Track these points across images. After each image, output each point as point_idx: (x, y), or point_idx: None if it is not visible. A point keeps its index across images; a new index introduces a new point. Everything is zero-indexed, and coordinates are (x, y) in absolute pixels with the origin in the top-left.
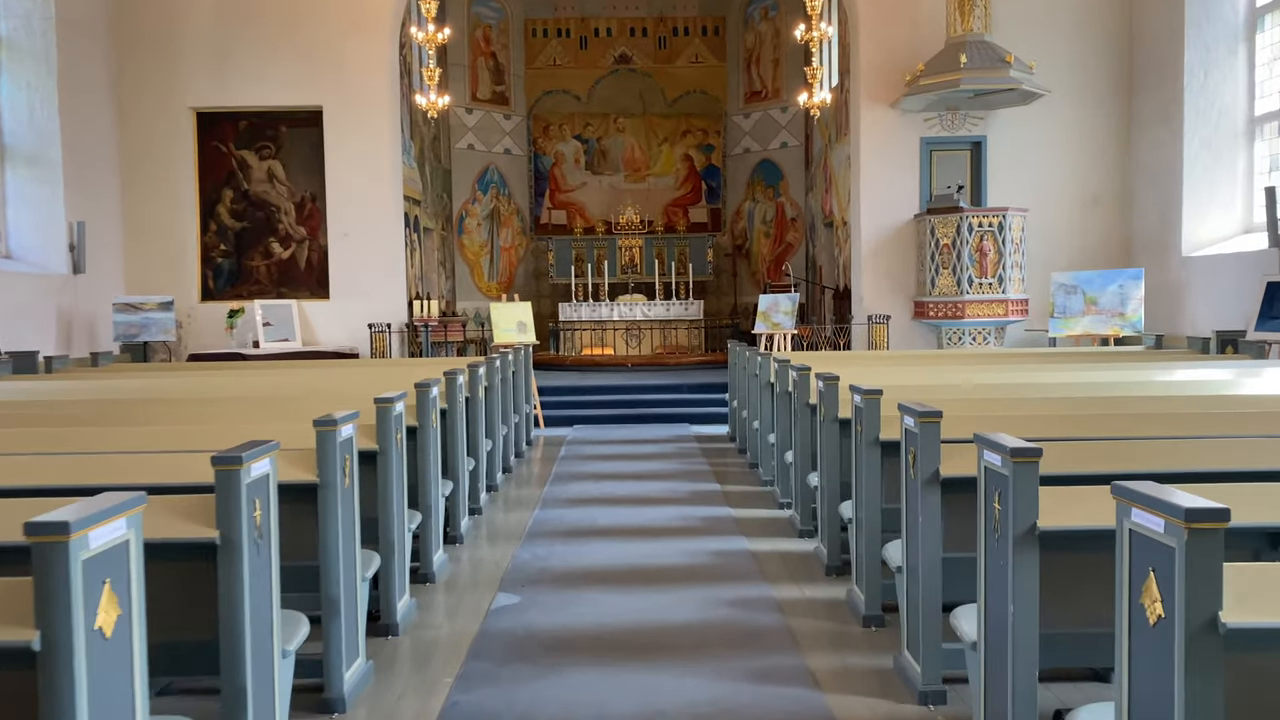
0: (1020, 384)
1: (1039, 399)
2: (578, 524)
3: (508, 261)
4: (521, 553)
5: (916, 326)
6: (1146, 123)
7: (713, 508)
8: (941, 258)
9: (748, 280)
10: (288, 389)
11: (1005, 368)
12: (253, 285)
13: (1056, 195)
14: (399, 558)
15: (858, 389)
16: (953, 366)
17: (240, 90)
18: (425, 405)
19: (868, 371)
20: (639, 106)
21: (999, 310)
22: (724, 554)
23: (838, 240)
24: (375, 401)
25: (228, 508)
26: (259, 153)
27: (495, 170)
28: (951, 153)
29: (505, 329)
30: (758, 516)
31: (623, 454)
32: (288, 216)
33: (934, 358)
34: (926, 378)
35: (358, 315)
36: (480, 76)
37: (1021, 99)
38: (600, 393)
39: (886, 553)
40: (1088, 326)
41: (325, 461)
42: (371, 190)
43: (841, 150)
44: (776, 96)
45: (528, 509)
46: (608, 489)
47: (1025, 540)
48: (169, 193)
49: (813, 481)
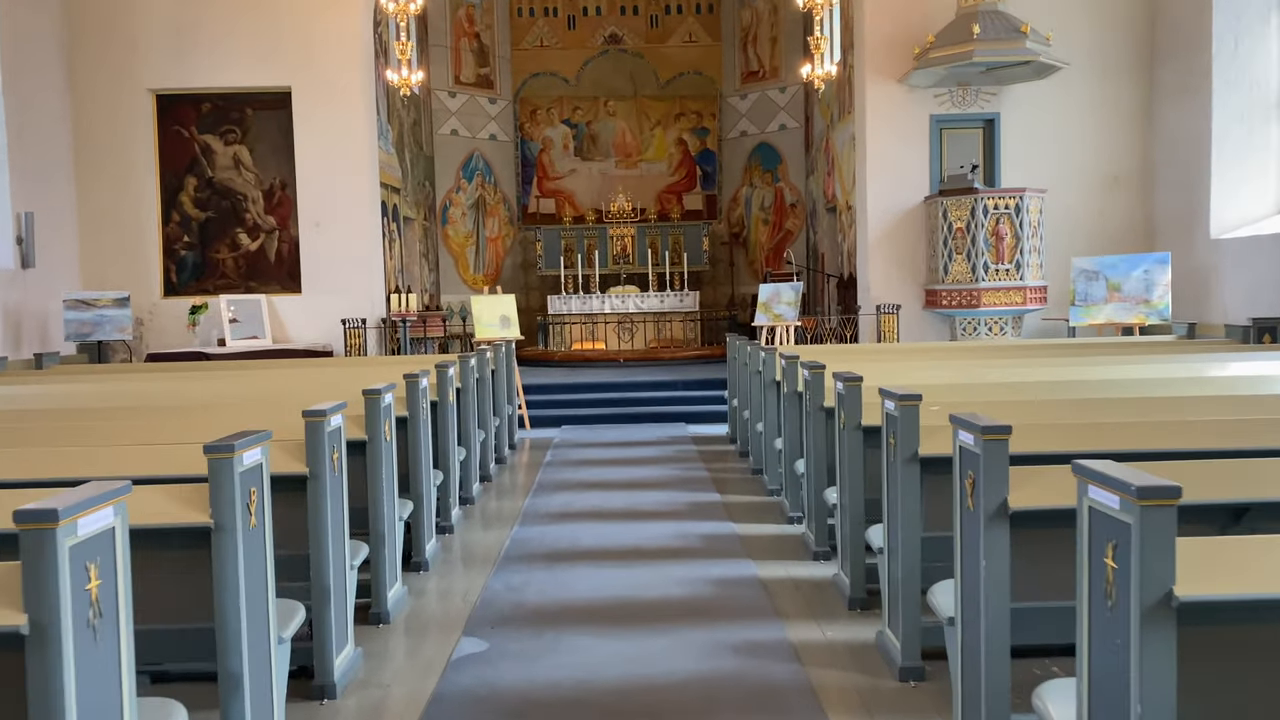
0: (1074, 381)
1: (1102, 399)
2: (560, 545)
3: (494, 252)
4: (494, 582)
5: (928, 316)
6: (1170, 96)
7: (714, 523)
8: (955, 242)
9: (745, 270)
10: (230, 395)
11: (1044, 362)
12: (219, 279)
13: (1073, 175)
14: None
15: (891, 393)
16: (984, 361)
17: (202, 70)
18: (376, 416)
19: (889, 369)
20: (630, 88)
21: (1017, 298)
22: (729, 583)
23: (841, 226)
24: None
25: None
26: (224, 137)
27: (480, 157)
28: (963, 131)
29: (487, 323)
30: (765, 533)
31: (613, 458)
32: (255, 205)
33: (961, 351)
34: (958, 374)
35: (332, 310)
36: (463, 58)
37: (1036, 73)
38: (590, 390)
39: (934, 597)
40: (1111, 315)
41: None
42: (345, 177)
43: (845, 130)
44: (774, 76)
45: (505, 525)
46: (596, 500)
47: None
48: (127, 181)
49: (830, 498)
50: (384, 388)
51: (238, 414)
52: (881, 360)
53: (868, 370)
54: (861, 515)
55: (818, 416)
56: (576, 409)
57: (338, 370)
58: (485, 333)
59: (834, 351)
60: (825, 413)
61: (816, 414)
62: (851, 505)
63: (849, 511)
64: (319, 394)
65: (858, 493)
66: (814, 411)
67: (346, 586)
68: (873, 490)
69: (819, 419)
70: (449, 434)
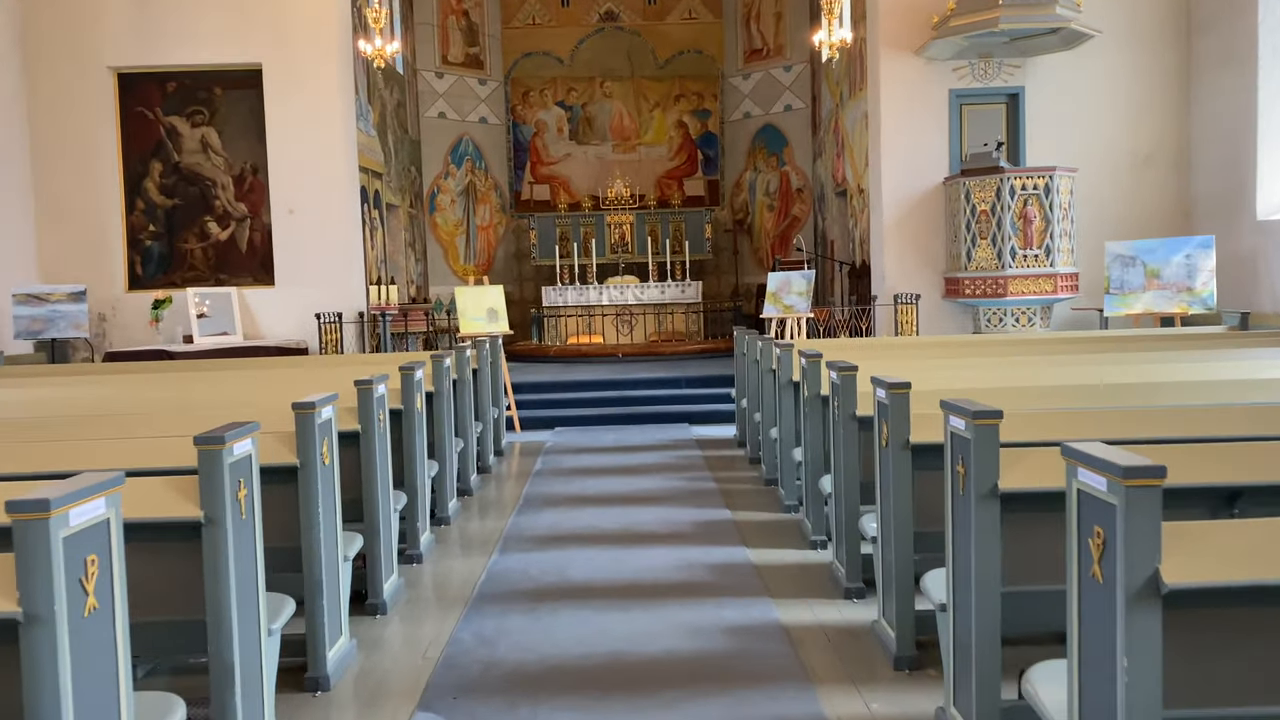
0: (1164, 383)
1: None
2: (545, 578)
3: (485, 242)
4: (463, 631)
5: (948, 307)
6: (1211, 66)
7: (724, 548)
8: (979, 227)
9: (750, 258)
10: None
11: (1110, 358)
12: (187, 271)
13: (1103, 154)
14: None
15: (957, 406)
16: (1045, 357)
17: (167, 47)
18: (309, 434)
19: (934, 370)
20: (627, 69)
21: (1046, 286)
22: (746, 633)
23: (853, 211)
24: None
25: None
26: (190, 119)
27: (470, 141)
28: (985, 107)
29: (473, 317)
30: (784, 562)
31: (610, 466)
32: (225, 191)
33: (1009, 346)
34: (1025, 375)
35: (308, 304)
36: (451, 37)
37: (1065, 42)
38: (587, 389)
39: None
40: (1150, 303)
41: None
42: (321, 160)
43: (856, 108)
44: (779, 55)
45: (483, 553)
46: (589, 519)
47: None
48: (87, 166)
49: (869, 529)
50: (318, 400)
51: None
52: (921, 358)
53: (909, 372)
54: (910, 554)
55: (849, 427)
56: (571, 409)
57: (273, 374)
58: (471, 327)
59: (857, 348)
60: (858, 423)
61: (848, 424)
62: (898, 542)
63: (895, 546)
64: (222, 415)
65: (906, 527)
66: (844, 421)
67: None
68: (927, 522)
69: (850, 430)
70: (415, 447)
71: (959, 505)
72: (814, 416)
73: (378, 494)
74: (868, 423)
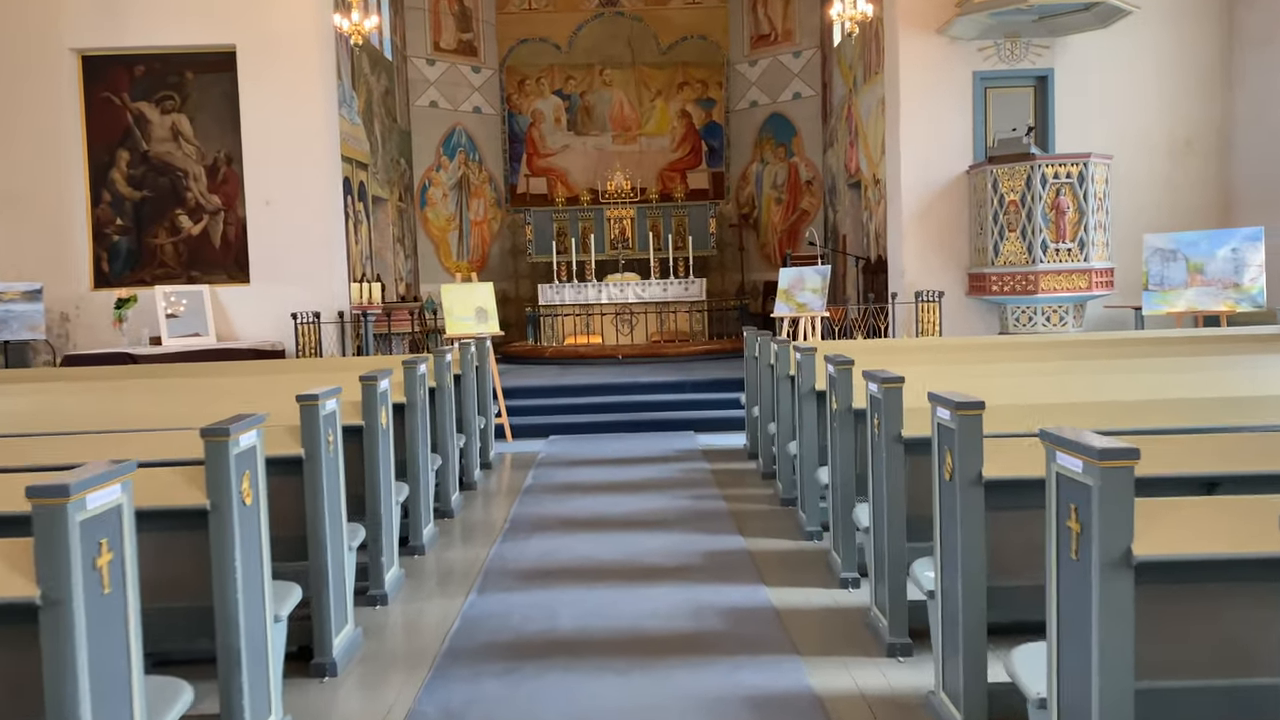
0: (1239, 399)
1: None
2: (529, 627)
3: (479, 237)
4: (426, 703)
5: (973, 305)
6: (1254, 44)
7: (741, 586)
8: (1007, 218)
9: (757, 254)
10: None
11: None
12: (157, 268)
13: (1137, 140)
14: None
15: (1074, 443)
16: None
17: (135, 28)
18: (221, 474)
19: (977, 377)
20: (628, 56)
21: (1080, 283)
22: (773, 705)
23: (867, 203)
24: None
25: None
26: (160, 105)
27: (463, 132)
28: (1011, 90)
29: (460, 317)
30: (812, 605)
31: (608, 482)
32: (198, 183)
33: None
34: (1090, 385)
35: (286, 302)
36: (443, 23)
37: (1099, 20)
38: (584, 394)
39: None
40: (1193, 301)
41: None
42: (300, 149)
43: (871, 93)
44: (788, 40)
45: (459, 590)
46: (583, 549)
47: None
48: (49, 156)
49: (923, 578)
50: (237, 423)
51: None
52: (961, 363)
53: (954, 382)
54: (982, 615)
55: (894, 451)
56: (567, 415)
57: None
58: (458, 328)
59: (882, 351)
60: (902, 445)
61: (892, 447)
62: (968, 596)
63: (964, 601)
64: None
65: (978, 579)
66: (887, 444)
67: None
68: (1005, 572)
69: (895, 455)
70: (378, 471)
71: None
72: (844, 434)
73: (325, 536)
74: (916, 445)
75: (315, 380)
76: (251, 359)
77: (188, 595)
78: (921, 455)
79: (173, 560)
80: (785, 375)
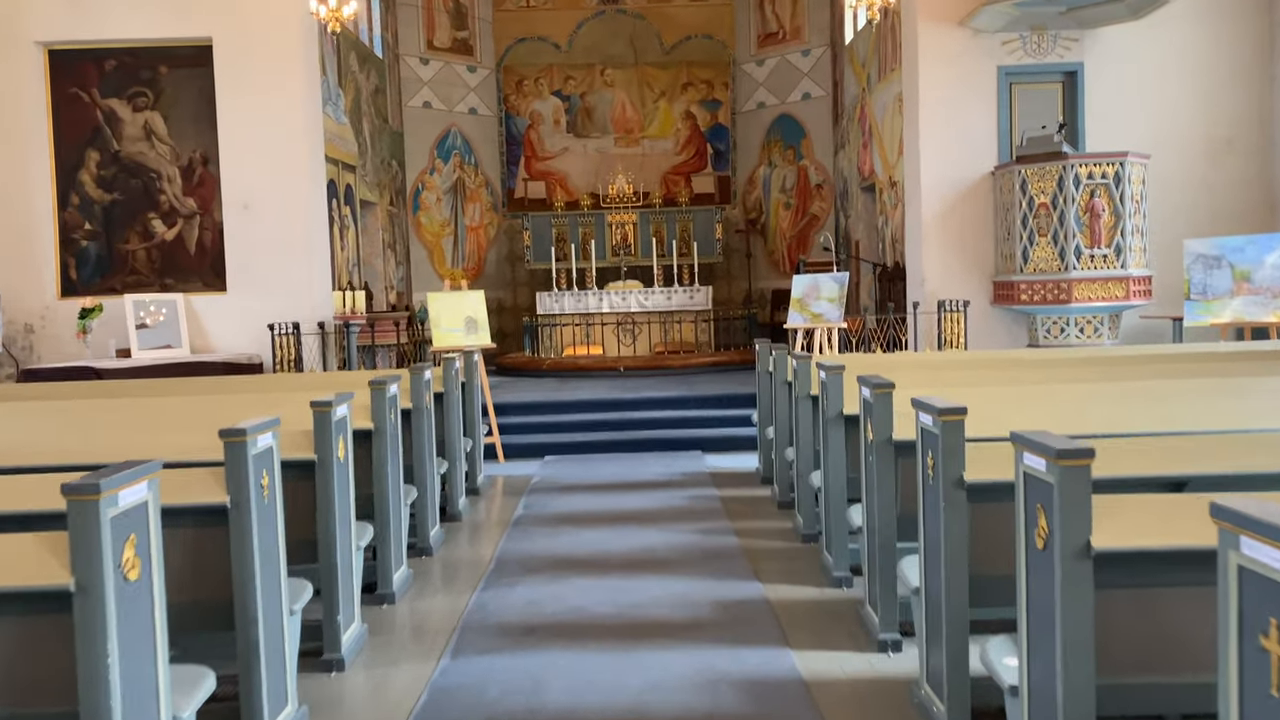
0: None
1: None
2: (506, 704)
3: (475, 243)
4: None
5: (998, 315)
6: None
7: (761, 649)
8: (1037, 222)
9: (764, 261)
10: None
11: None
12: (128, 275)
13: (1173, 139)
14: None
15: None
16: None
17: (104, 20)
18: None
19: (1033, 401)
20: (630, 55)
21: (1117, 291)
22: None
23: (882, 206)
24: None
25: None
26: (132, 102)
27: (458, 134)
28: (1038, 86)
29: (448, 328)
30: (848, 674)
31: (607, 513)
32: (172, 185)
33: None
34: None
35: (264, 312)
36: (438, 20)
37: (1132, 11)
38: (583, 409)
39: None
40: (1239, 311)
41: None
42: (280, 149)
43: (887, 91)
44: (796, 38)
45: (430, 654)
46: (576, 598)
47: (954, 490)
48: (13, 156)
49: (1001, 668)
50: (137, 469)
51: None
52: (1027, 380)
53: (1062, 418)
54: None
55: (954, 497)
56: (564, 433)
57: (130, 405)
58: (445, 340)
59: (923, 368)
60: (963, 490)
61: (952, 493)
62: (1069, 679)
63: (1064, 685)
64: None
65: (1083, 662)
66: (946, 489)
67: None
68: (1112, 667)
69: (957, 502)
70: (332, 514)
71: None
72: (883, 470)
73: (257, 595)
74: (979, 491)
75: (259, 404)
76: (225, 373)
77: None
78: (990, 503)
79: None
80: (805, 395)
